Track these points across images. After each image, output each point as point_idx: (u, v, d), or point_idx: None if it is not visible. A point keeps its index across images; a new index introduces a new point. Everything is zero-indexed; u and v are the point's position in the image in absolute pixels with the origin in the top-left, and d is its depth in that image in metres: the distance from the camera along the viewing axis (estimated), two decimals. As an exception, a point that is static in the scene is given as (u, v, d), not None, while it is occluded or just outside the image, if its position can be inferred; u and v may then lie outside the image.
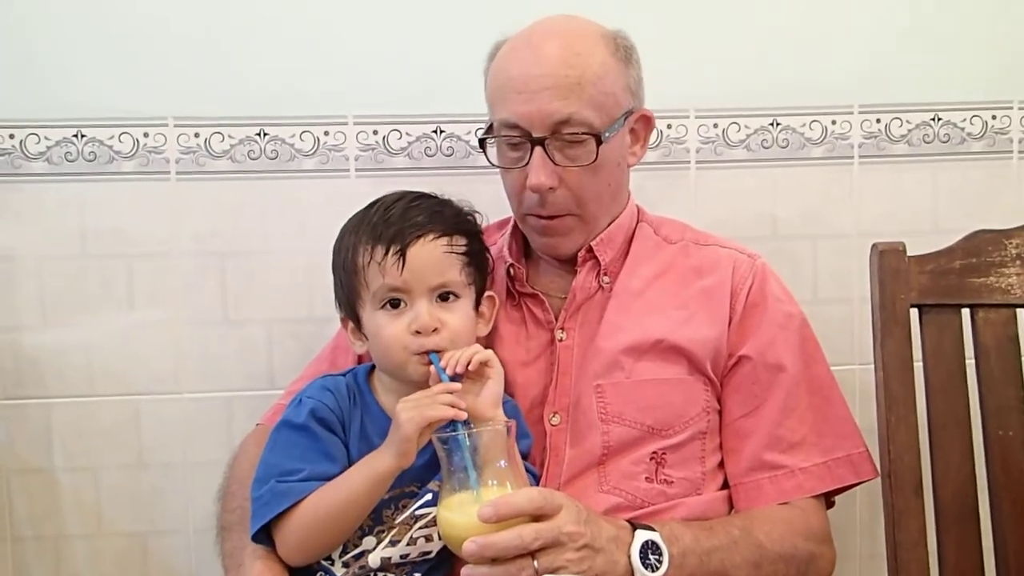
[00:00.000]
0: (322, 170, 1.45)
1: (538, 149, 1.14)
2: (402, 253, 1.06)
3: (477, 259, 1.13)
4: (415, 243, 1.07)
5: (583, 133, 1.14)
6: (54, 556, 1.45)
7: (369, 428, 1.11)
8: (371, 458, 1.04)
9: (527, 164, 1.15)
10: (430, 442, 1.05)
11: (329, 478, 1.05)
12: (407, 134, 1.46)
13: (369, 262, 1.08)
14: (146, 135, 1.42)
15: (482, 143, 1.22)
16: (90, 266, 1.43)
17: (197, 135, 1.43)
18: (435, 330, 1.07)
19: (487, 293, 1.17)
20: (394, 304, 1.08)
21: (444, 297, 1.10)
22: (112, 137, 1.42)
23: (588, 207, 1.19)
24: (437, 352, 1.07)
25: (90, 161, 1.42)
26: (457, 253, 1.10)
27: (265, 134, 1.44)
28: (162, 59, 1.42)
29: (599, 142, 1.14)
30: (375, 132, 1.45)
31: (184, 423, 1.44)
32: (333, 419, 1.10)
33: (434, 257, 1.08)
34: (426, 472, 1.09)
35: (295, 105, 1.43)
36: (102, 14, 1.41)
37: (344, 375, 1.16)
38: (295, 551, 1.06)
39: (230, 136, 1.43)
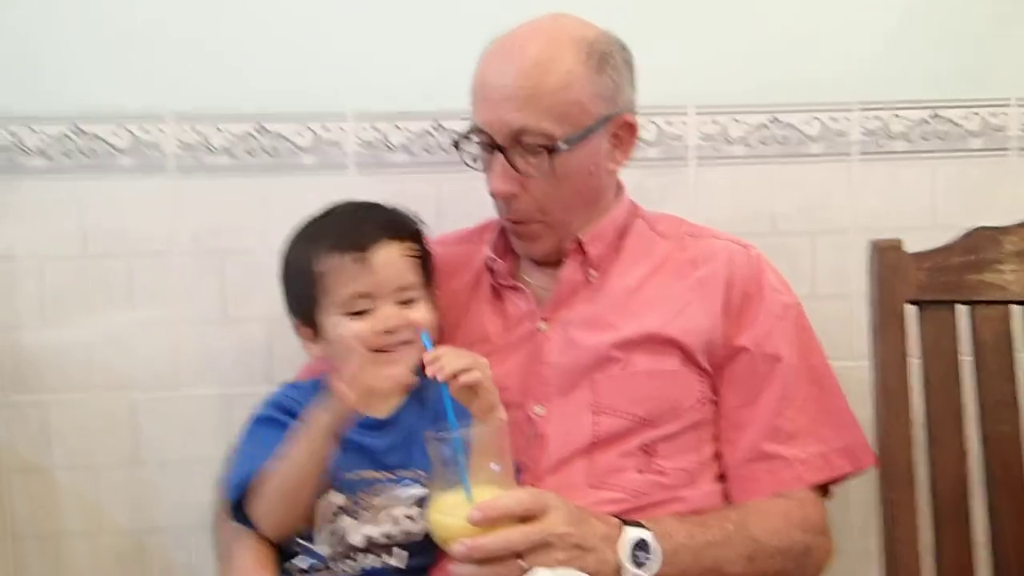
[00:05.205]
0: (321, 166, 1.44)
1: (499, 156, 1.16)
2: (366, 260, 1.11)
3: (427, 260, 1.18)
4: (377, 248, 1.12)
5: (539, 145, 1.14)
6: (54, 554, 1.45)
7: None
8: (312, 415, 1.07)
9: (491, 172, 1.17)
10: (396, 426, 1.11)
11: None
12: (406, 130, 1.45)
13: (331, 270, 1.12)
14: (144, 131, 1.42)
15: (456, 144, 1.22)
16: (88, 263, 1.42)
17: (196, 131, 1.42)
18: (401, 327, 1.12)
19: (435, 289, 1.22)
20: (360, 308, 1.12)
21: (406, 298, 1.14)
22: (110, 133, 1.41)
23: (553, 215, 1.19)
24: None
25: (87, 157, 1.41)
26: (414, 256, 1.15)
27: (264, 130, 1.43)
28: (160, 54, 1.41)
29: (552, 152, 1.14)
30: (374, 128, 1.45)
31: (183, 421, 1.44)
32: (296, 407, 1.13)
33: (395, 261, 1.13)
34: (394, 458, 1.13)
35: (294, 101, 1.43)
36: (100, 9, 1.40)
37: (319, 377, 1.20)
38: (265, 523, 1.09)
39: (229, 132, 1.43)
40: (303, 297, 1.16)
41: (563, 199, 1.18)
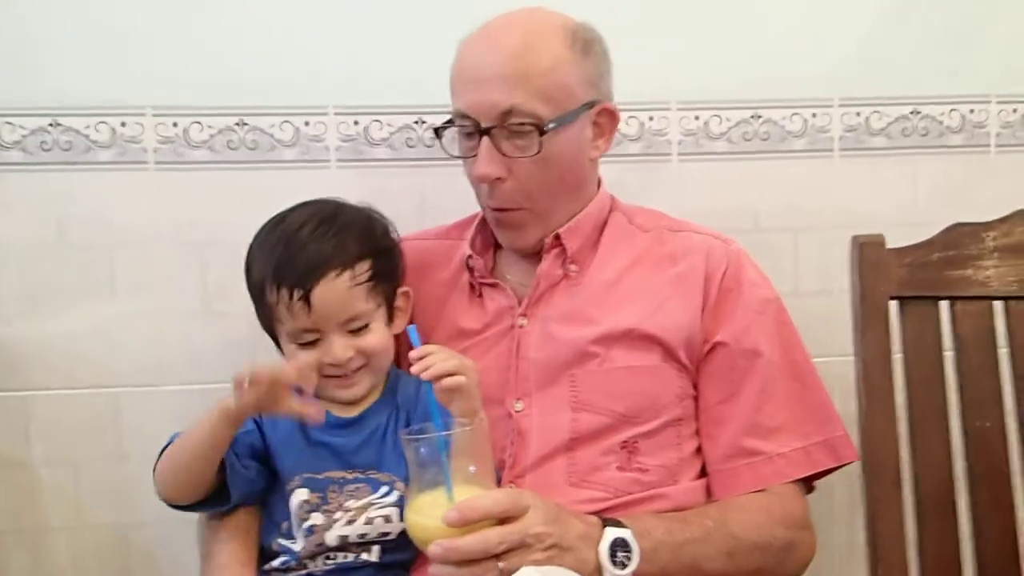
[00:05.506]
0: (302, 160, 1.44)
1: (485, 139, 1.14)
2: (306, 298, 1.10)
3: (384, 274, 1.16)
4: (317, 285, 1.10)
5: (527, 123, 1.13)
6: (35, 549, 1.44)
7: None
8: (206, 413, 1.08)
9: (476, 157, 1.16)
10: (364, 426, 1.12)
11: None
12: (388, 125, 1.45)
13: (277, 303, 1.12)
14: (123, 124, 1.41)
15: (437, 132, 1.22)
16: (68, 257, 1.41)
17: (175, 125, 1.42)
18: (350, 358, 1.13)
19: (401, 290, 1.20)
20: (308, 339, 1.13)
21: (356, 326, 1.13)
22: (89, 126, 1.40)
23: (539, 201, 1.19)
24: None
25: (66, 151, 1.40)
26: (361, 283, 1.13)
27: (244, 124, 1.43)
28: (140, 47, 1.40)
29: (541, 132, 1.13)
30: (356, 123, 1.44)
31: (165, 415, 1.42)
32: None
33: (338, 296, 1.11)
34: (364, 457, 1.13)
35: (275, 95, 1.42)
36: (79, 3, 1.39)
37: None
38: (160, 485, 1.14)
39: (209, 126, 1.42)
40: (262, 318, 1.17)
41: (548, 184, 1.18)
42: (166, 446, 1.14)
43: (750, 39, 1.47)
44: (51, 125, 1.40)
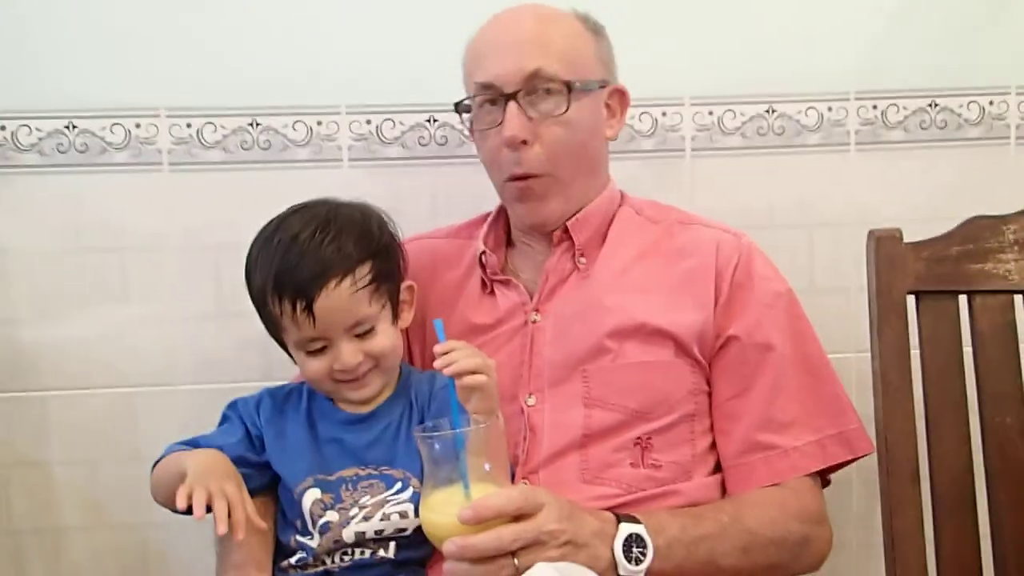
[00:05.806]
0: (315, 160, 1.44)
1: (511, 103, 1.16)
2: (309, 309, 1.09)
3: (385, 274, 1.15)
4: (320, 295, 1.09)
5: (554, 84, 1.16)
6: (53, 549, 1.46)
7: (318, 420, 1.17)
8: (188, 456, 1.10)
9: (503, 122, 1.16)
10: (377, 422, 1.13)
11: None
12: (400, 123, 1.45)
13: (280, 314, 1.11)
14: (138, 126, 1.42)
15: (458, 107, 1.23)
16: (83, 258, 1.43)
17: (189, 125, 1.42)
18: (359, 363, 1.12)
19: (404, 284, 1.20)
20: (315, 347, 1.12)
21: (362, 330, 1.13)
22: (104, 128, 1.41)
23: (563, 166, 1.19)
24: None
25: (82, 152, 1.42)
26: (364, 287, 1.12)
27: (257, 124, 1.43)
28: (154, 49, 1.41)
29: (570, 90, 1.16)
30: (368, 122, 1.45)
31: (180, 416, 1.43)
32: (243, 410, 1.19)
33: (341, 303, 1.10)
34: (376, 453, 1.14)
35: (287, 95, 1.43)
36: (94, 5, 1.40)
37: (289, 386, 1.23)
38: (153, 492, 1.16)
39: (222, 126, 1.43)
40: (268, 327, 1.17)
41: (572, 149, 1.19)
42: (163, 456, 1.15)
43: (764, 33, 1.46)
44: (67, 127, 1.41)
